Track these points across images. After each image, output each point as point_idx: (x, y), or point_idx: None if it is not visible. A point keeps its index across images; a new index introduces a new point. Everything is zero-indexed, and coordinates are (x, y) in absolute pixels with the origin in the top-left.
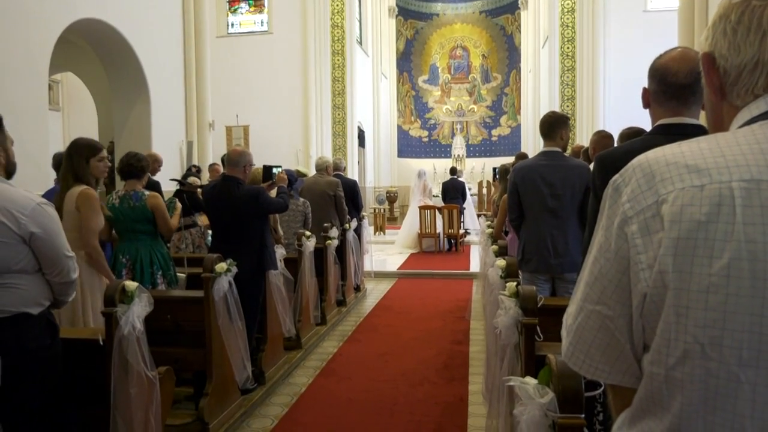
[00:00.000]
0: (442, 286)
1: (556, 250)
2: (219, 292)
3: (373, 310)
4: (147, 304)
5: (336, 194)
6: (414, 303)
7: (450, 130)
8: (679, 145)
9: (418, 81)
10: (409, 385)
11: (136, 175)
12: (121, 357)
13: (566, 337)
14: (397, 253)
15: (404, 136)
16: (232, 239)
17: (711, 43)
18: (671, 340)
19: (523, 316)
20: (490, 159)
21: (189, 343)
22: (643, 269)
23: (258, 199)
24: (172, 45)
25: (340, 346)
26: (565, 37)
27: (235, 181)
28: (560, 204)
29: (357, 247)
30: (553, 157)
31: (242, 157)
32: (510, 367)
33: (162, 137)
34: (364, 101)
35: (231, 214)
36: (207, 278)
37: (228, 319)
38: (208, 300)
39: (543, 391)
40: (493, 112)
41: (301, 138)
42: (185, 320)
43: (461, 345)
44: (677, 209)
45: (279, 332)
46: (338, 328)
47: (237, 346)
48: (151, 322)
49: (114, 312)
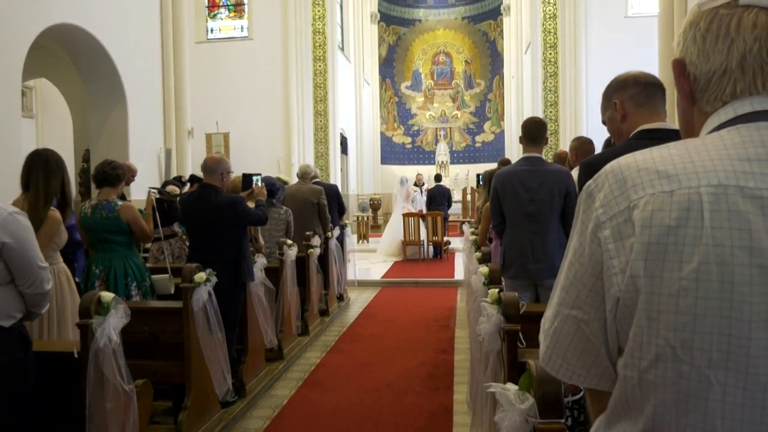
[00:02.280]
0: (426, 295)
1: (534, 255)
2: (198, 303)
3: (356, 320)
4: (123, 315)
5: (319, 202)
6: (398, 312)
7: (433, 136)
8: (650, 151)
9: (400, 87)
10: (393, 395)
11: (110, 183)
12: (96, 370)
13: (543, 341)
14: (380, 261)
15: (387, 142)
16: (209, 249)
17: (682, 50)
18: (643, 344)
19: (505, 322)
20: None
21: (167, 355)
22: (615, 273)
23: (235, 207)
24: (150, 51)
25: (323, 356)
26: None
27: (212, 189)
28: (539, 208)
29: (340, 256)
30: (533, 163)
31: (219, 164)
32: (493, 374)
33: (139, 145)
34: (346, 108)
35: (208, 223)
36: (186, 288)
37: (207, 331)
38: (186, 311)
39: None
40: (477, 118)
41: (282, 145)
42: (163, 332)
43: (446, 354)
44: (648, 214)
45: (260, 343)
46: (321, 338)
47: (217, 358)
48: (127, 334)
49: (89, 324)
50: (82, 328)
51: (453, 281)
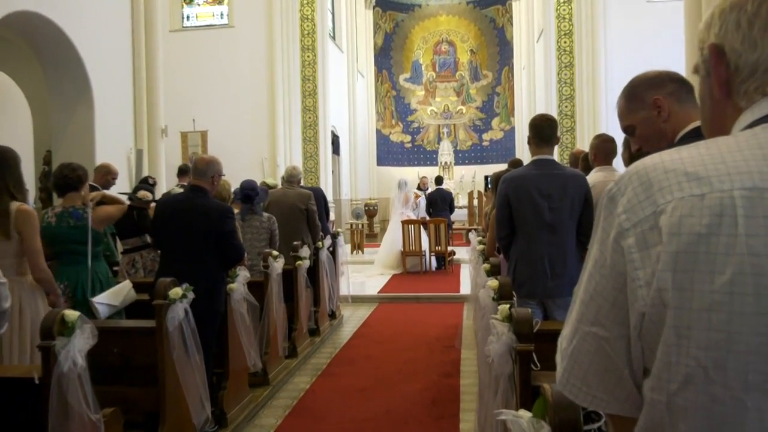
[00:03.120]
0: (428, 311)
1: (554, 270)
2: (173, 321)
3: (350, 340)
4: (90, 336)
5: (308, 208)
6: (397, 331)
7: (436, 134)
8: (678, 151)
9: (399, 79)
10: (392, 424)
11: (74, 188)
12: (60, 397)
13: (561, 362)
14: (377, 274)
15: (384, 141)
16: (186, 259)
17: (720, 34)
18: (672, 364)
19: (517, 342)
20: (482, 166)
21: (139, 380)
22: (640, 286)
23: (227, 217)
24: (119, 40)
25: (313, 381)
26: (561, 30)
27: (202, 193)
28: (559, 218)
29: (331, 268)
30: (547, 166)
31: (210, 166)
32: (504, 399)
33: (107, 145)
34: (338, 103)
35: (190, 230)
36: (159, 306)
37: (184, 352)
38: (160, 330)
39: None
40: (484, 113)
41: (267, 145)
42: (134, 354)
43: (451, 378)
44: (676, 220)
45: (243, 366)
46: (311, 360)
47: (194, 383)
48: (94, 357)
49: (52, 346)
50: (44, 350)
51: (458, 296)
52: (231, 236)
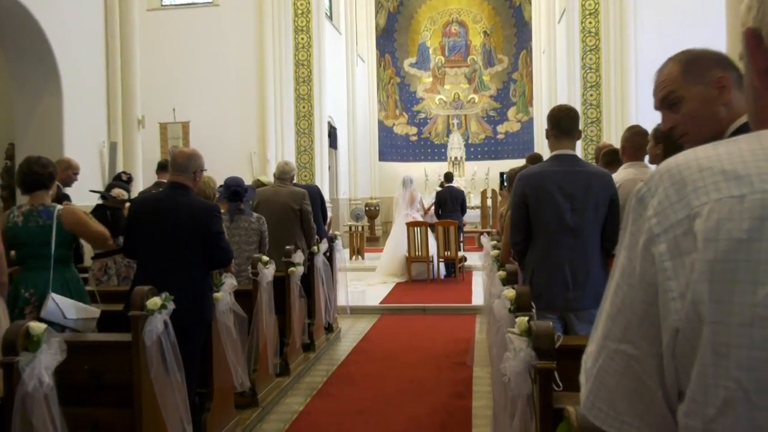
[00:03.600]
0: (436, 324)
1: (576, 280)
2: (151, 335)
3: (349, 356)
4: (58, 351)
5: (302, 208)
6: (401, 346)
7: (445, 126)
8: (715, 146)
9: (403, 65)
10: None
11: (43, 185)
12: (24, 420)
13: (585, 383)
14: (379, 282)
15: (387, 134)
16: (166, 266)
17: (758, 18)
18: (709, 386)
19: (537, 359)
20: (496, 162)
21: (112, 401)
22: (673, 299)
23: (213, 216)
24: (90, 20)
25: (307, 402)
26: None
27: (182, 190)
28: (582, 221)
29: (328, 276)
30: (569, 163)
31: (192, 160)
32: (522, 423)
33: (77, 138)
34: (335, 91)
35: (171, 231)
36: (136, 318)
37: (163, 370)
38: (137, 345)
39: None
40: (499, 103)
41: (256, 137)
42: (107, 371)
43: (462, 398)
44: (713, 225)
45: (229, 385)
46: (305, 379)
47: (174, 404)
48: (63, 375)
49: (15, 362)
50: (6, 367)
51: (470, 307)
52: (219, 237)
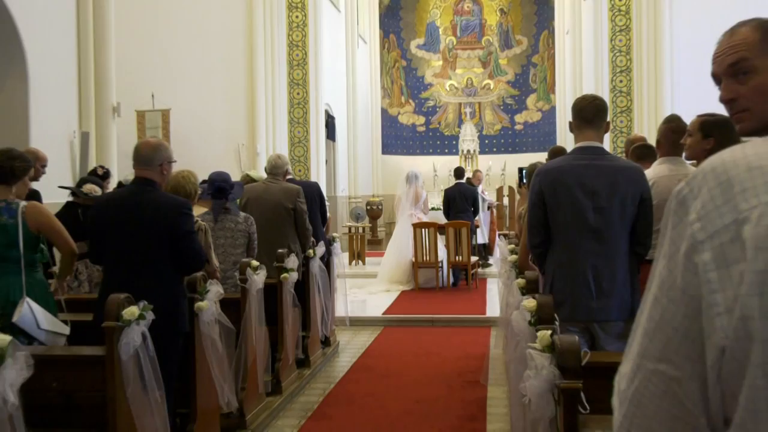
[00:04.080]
0: (447, 338)
1: (599, 287)
2: (128, 349)
3: (348, 374)
4: (24, 366)
5: (296, 207)
6: (407, 362)
7: (456, 115)
8: (765, 141)
9: (410, 47)
10: None
11: (5, 180)
12: None
13: (619, 407)
14: (382, 291)
15: (392, 124)
16: (137, 270)
17: None
18: (760, 412)
19: (561, 378)
20: (514, 156)
21: (84, 422)
22: (719, 314)
23: (182, 213)
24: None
25: (301, 424)
26: None
27: (148, 186)
28: (607, 221)
29: (325, 283)
30: (594, 155)
31: (157, 151)
32: None
33: (45, 127)
34: (334, 75)
35: (142, 232)
36: (111, 329)
37: (140, 388)
38: (111, 360)
39: None
40: (517, 89)
41: (244, 127)
42: (79, 390)
43: (475, 421)
44: (763, 231)
45: (213, 405)
46: (299, 398)
47: (153, 427)
48: (30, 394)
49: None
50: None
51: (484, 319)
52: (189, 237)
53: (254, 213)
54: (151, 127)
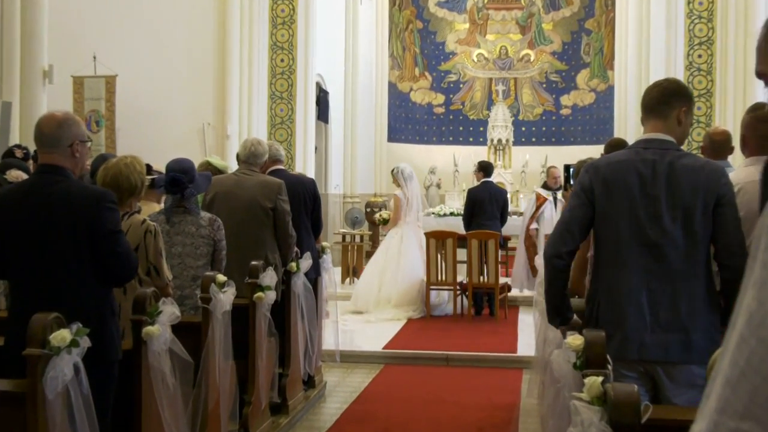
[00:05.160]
0: (465, 381)
1: (656, 317)
2: (55, 384)
3: (337, 424)
4: None
5: (277, 206)
6: (413, 411)
7: (485, 94)
8: None
9: (428, 4)
10: None
11: None
12: None
13: None
14: (384, 319)
15: (402, 103)
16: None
17: None
18: None
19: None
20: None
21: None
22: None
23: (106, 208)
24: None
25: None
26: None
27: (59, 173)
28: (670, 234)
29: (311, 306)
30: (661, 150)
31: (65, 128)
32: None
33: None
34: (329, 38)
35: (47, 235)
36: (34, 358)
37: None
38: (34, 398)
39: None
40: (565, 63)
41: (211, 103)
42: None
43: None
44: None
45: None
46: None
47: None
48: None
49: None
50: None
51: (515, 359)
52: (114, 238)
53: (222, 213)
54: (92, 97)
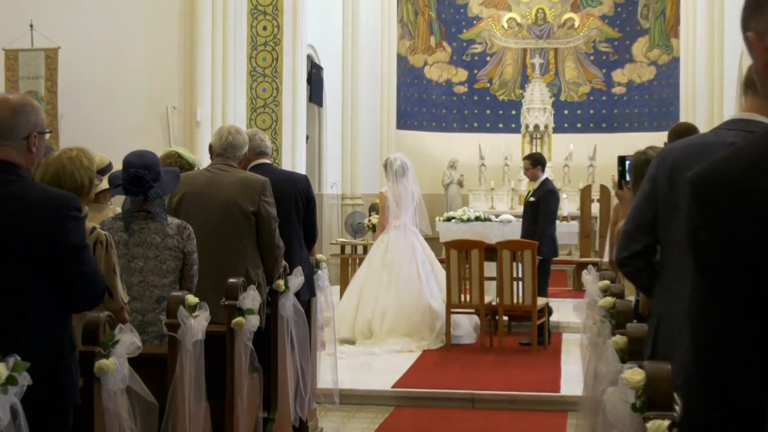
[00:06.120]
0: (495, 427)
1: None
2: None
3: None
4: None
5: (260, 211)
6: None
7: (518, 69)
8: None
9: None
10: None
11: None
12: None
13: None
14: (395, 351)
15: (414, 80)
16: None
17: None
18: None
19: None
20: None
21: None
22: None
23: (69, 217)
24: None
25: None
26: None
27: (12, 172)
28: None
29: (303, 334)
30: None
31: (20, 115)
32: None
33: None
34: (322, 2)
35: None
36: None
37: None
38: None
39: None
40: (618, 29)
41: (176, 82)
42: None
43: None
44: None
45: None
46: None
47: None
48: None
49: None
50: None
51: (558, 399)
52: (78, 255)
53: (193, 219)
54: (28, 75)
